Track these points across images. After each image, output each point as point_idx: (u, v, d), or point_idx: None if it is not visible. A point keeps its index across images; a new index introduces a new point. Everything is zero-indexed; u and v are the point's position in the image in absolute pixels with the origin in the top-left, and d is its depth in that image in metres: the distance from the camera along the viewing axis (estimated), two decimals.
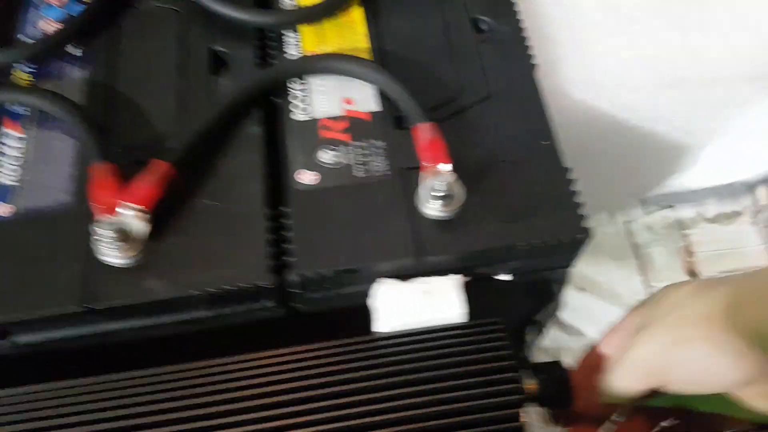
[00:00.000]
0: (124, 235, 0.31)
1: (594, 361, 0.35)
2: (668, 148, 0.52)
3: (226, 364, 0.31)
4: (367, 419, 0.29)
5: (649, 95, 0.45)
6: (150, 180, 0.32)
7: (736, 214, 0.62)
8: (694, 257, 0.61)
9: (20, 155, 0.36)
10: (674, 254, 0.61)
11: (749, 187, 0.63)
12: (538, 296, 0.41)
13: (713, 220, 0.62)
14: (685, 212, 0.63)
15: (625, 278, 0.60)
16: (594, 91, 0.44)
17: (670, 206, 0.63)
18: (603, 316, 0.58)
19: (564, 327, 0.58)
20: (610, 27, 0.45)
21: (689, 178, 0.60)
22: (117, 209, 0.31)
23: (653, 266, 0.61)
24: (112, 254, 0.31)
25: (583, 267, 0.59)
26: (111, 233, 0.30)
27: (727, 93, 0.46)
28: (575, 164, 0.42)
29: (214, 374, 0.30)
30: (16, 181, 0.35)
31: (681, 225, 0.62)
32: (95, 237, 0.31)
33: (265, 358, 0.31)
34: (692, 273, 0.60)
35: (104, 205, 0.31)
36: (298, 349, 0.31)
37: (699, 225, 0.62)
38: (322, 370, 0.30)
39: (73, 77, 0.39)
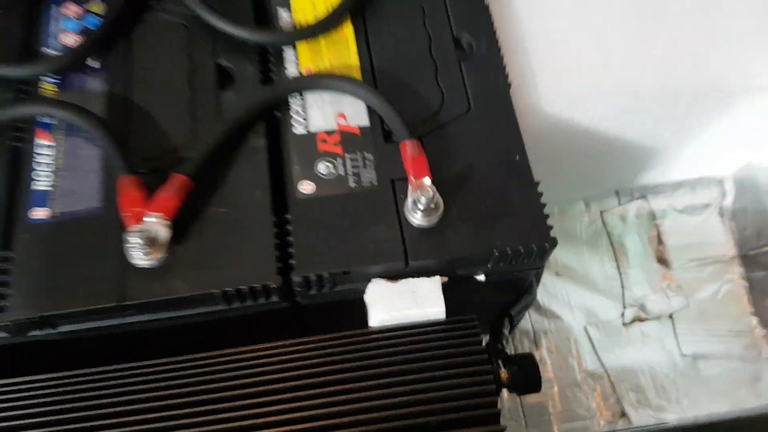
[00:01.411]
0: (150, 242, 0.35)
1: None
2: (639, 148, 0.56)
3: (238, 353, 0.36)
4: (359, 403, 0.34)
5: (618, 105, 0.49)
6: (171, 191, 0.37)
7: (704, 207, 0.67)
8: (664, 246, 0.66)
9: (51, 162, 0.40)
10: (646, 242, 0.66)
11: (717, 182, 0.68)
12: (511, 294, 0.45)
13: (683, 211, 0.67)
14: (657, 203, 0.67)
15: (600, 264, 0.65)
16: (567, 101, 0.48)
17: (643, 197, 0.68)
18: (579, 301, 0.64)
19: (542, 310, 0.64)
20: (580, 42, 0.49)
21: (661, 172, 0.64)
22: (144, 218, 0.36)
23: (626, 253, 0.66)
24: (140, 258, 0.36)
25: (560, 254, 0.65)
26: (139, 240, 0.35)
27: (689, 104, 0.50)
28: (551, 164, 0.46)
29: (227, 362, 0.36)
30: (50, 187, 0.39)
31: (653, 215, 0.67)
32: (127, 244, 0.35)
33: (271, 348, 0.36)
34: (663, 260, 0.66)
35: (132, 214, 0.36)
36: (300, 341, 0.37)
37: (670, 215, 0.66)
38: (320, 359, 0.36)
39: (93, 89, 0.43)
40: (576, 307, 0.62)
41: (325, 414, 0.34)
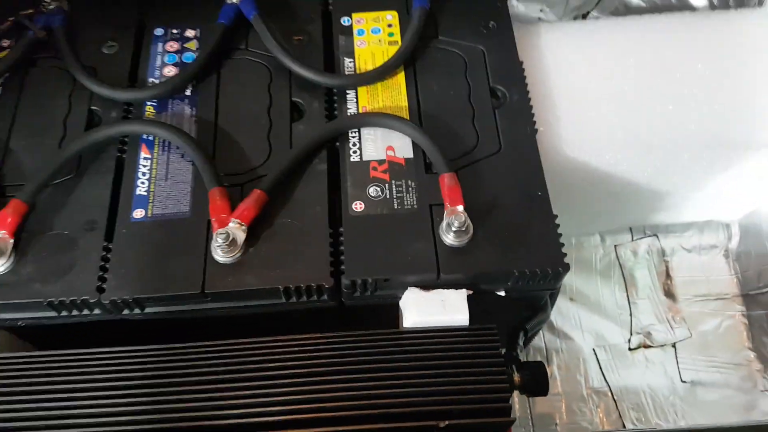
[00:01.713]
0: (231, 242, 0.43)
1: None
2: (651, 191, 0.62)
3: (289, 340, 0.43)
4: (392, 389, 0.41)
5: (632, 153, 0.56)
6: (250, 203, 0.45)
7: (711, 247, 0.72)
8: (672, 280, 0.71)
9: (148, 172, 0.49)
10: (655, 276, 0.71)
11: (725, 226, 0.73)
12: (528, 310, 0.52)
13: (691, 250, 0.72)
14: (667, 242, 0.73)
15: (611, 293, 0.71)
16: (587, 147, 0.55)
17: (655, 235, 0.73)
18: (589, 324, 0.70)
19: (555, 331, 0.70)
20: (599, 97, 0.56)
21: (672, 213, 0.70)
22: (228, 223, 0.44)
23: (636, 285, 0.71)
24: (221, 255, 0.44)
25: (575, 281, 0.71)
26: (223, 241, 0.43)
27: (695, 155, 0.57)
28: (570, 199, 0.53)
29: (279, 347, 0.42)
30: (148, 192, 0.48)
31: (663, 252, 0.73)
32: (214, 243, 0.43)
33: (319, 338, 0.43)
34: (669, 294, 0.71)
35: (218, 219, 0.44)
36: (344, 334, 0.44)
37: (678, 253, 0.72)
38: (360, 351, 0.43)
39: (186, 114, 0.52)
40: (587, 330, 0.68)
41: (363, 395, 0.41)
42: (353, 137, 0.50)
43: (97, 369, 0.42)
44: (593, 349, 0.68)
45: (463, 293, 0.45)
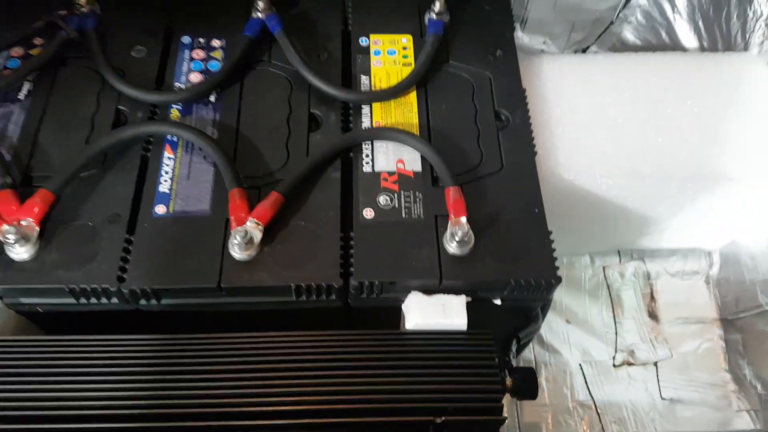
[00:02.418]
0: (248, 241, 0.46)
1: None
2: (638, 216, 0.66)
3: (297, 336, 0.45)
4: (392, 385, 0.43)
5: (622, 179, 0.60)
6: (268, 205, 0.48)
7: (693, 273, 0.76)
8: (656, 303, 0.75)
9: (171, 171, 0.52)
10: (640, 298, 0.75)
11: (707, 254, 0.77)
12: (521, 320, 0.55)
13: (674, 275, 0.76)
14: (653, 266, 0.77)
15: (598, 312, 0.74)
16: (581, 172, 0.59)
17: (641, 259, 0.77)
18: (577, 340, 0.73)
19: (544, 345, 0.73)
20: (594, 125, 0.60)
21: (658, 239, 0.74)
22: (246, 222, 0.47)
23: (622, 305, 0.75)
24: (238, 252, 0.46)
25: (565, 299, 0.75)
26: (241, 238, 0.46)
27: (680, 185, 0.61)
28: (564, 220, 0.56)
29: (287, 342, 0.45)
30: (170, 190, 0.51)
31: (648, 275, 0.76)
32: (232, 240, 0.46)
33: (325, 335, 0.46)
34: (653, 315, 0.75)
35: (237, 218, 0.47)
36: (350, 332, 0.46)
37: (663, 277, 0.76)
38: (364, 348, 0.45)
39: (208, 117, 0.55)
40: (574, 346, 0.71)
41: (365, 390, 0.43)
42: (366, 149, 0.53)
43: (106, 354, 0.44)
44: (580, 364, 0.71)
45: (463, 299, 0.48)
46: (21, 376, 0.43)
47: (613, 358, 0.72)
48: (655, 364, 0.71)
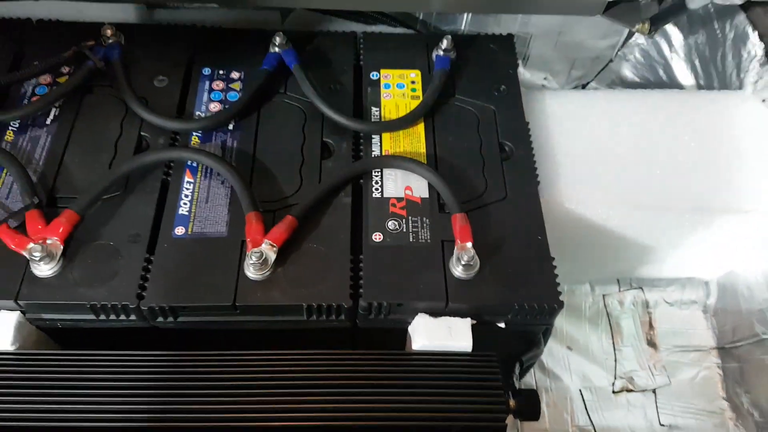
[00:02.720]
0: (263, 261, 0.48)
1: None
2: (637, 246, 0.68)
3: (305, 355, 0.47)
4: (399, 404, 0.45)
5: (621, 209, 0.62)
6: (282, 227, 0.50)
7: (691, 303, 0.78)
8: (654, 331, 0.77)
9: (190, 194, 0.54)
10: (639, 326, 0.76)
11: (704, 284, 0.79)
12: (524, 344, 0.57)
13: (672, 304, 0.78)
14: (651, 295, 0.78)
15: (598, 339, 0.76)
16: (581, 201, 0.62)
17: (640, 288, 0.79)
18: (577, 367, 0.74)
19: (546, 371, 0.74)
20: (594, 159, 0.63)
21: (657, 269, 0.76)
22: (261, 244, 0.49)
23: (621, 333, 0.76)
24: (253, 272, 0.48)
25: (566, 326, 0.76)
26: (257, 259, 0.48)
27: (678, 217, 0.63)
28: (565, 248, 0.58)
29: (296, 360, 0.47)
30: (189, 212, 0.53)
31: (647, 304, 0.78)
32: (247, 260, 0.48)
33: (334, 354, 0.48)
34: (652, 343, 0.76)
35: (253, 240, 0.49)
36: (359, 352, 0.48)
37: (661, 306, 0.77)
38: (371, 368, 0.47)
39: (227, 145, 0.57)
40: (574, 372, 0.73)
41: (372, 408, 0.45)
42: (376, 176, 0.56)
43: (120, 369, 0.46)
44: (580, 390, 0.72)
45: (468, 322, 0.50)
46: (41, 389, 0.45)
47: (613, 384, 0.73)
48: (654, 390, 0.72)
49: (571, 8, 0.68)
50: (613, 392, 0.72)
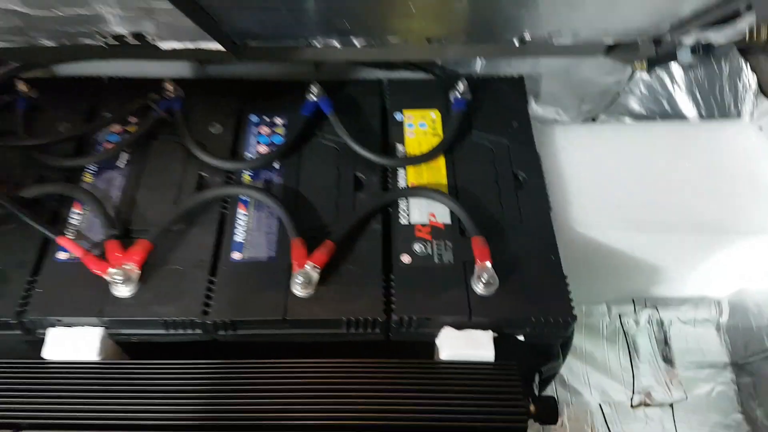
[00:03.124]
0: (307, 281, 0.56)
1: None
2: (649, 267, 0.73)
3: (348, 362, 0.54)
4: (427, 405, 0.51)
5: (629, 234, 0.67)
6: (323, 251, 0.57)
7: (704, 321, 0.82)
8: (670, 348, 0.80)
9: (244, 224, 0.62)
10: (654, 344, 0.80)
11: (716, 302, 0.83)
12: (542, 354, 0.62)
13: (686, 323, 0.82)
14: (666, 314, 0.82)
15: (616, 356, 0.80)
16: (592, 226, 0.68)
17: (655, 307, 0.84)
18: (596, 382, 0.78)
19: (566, 386, 0.78)
20: (604, 184, 0.69)
21: (670, 288, 0.80)
22: (305, 266, 0.56)
23: (638, 350, 0.80)
24: (299, 290, 0.56)
25: (585, 344, 0.81)
26: (301, 280, 0.55)
27: (691, 238, 0.68)
28: (580, 270, 0.64)
29: (340, 368, 0.53)
30: (243, 240, 0.61)
31: (661, 323, 0.82)
32: (294, 280, 0.56)
33: (370, 362, 0.54)
34: (668, 360, 0.80)
35: (298, 263, 0.57)
36: (390, 360, 0.54)
37: (675, 325, 0.82)
38: (403, 374, 0.53)
39: (274, 181, 0.66)
40: (594, 387, 0.77)
41: (404, 410, 0.51)
42: (403, 205, 0.63)
43: (184, 375, 0.53)
44: (599, 404, 0.76)
45: (490, 334, 0.56)
46: (122, 392, 0.52)
47: (631, 399, 0.77)
48: (671, 405, 0.76)
49: (576, 50, 0.75)
50: (632, 406, 0.76)
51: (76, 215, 0.63)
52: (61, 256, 0.59)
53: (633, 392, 0.77)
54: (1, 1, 0.60)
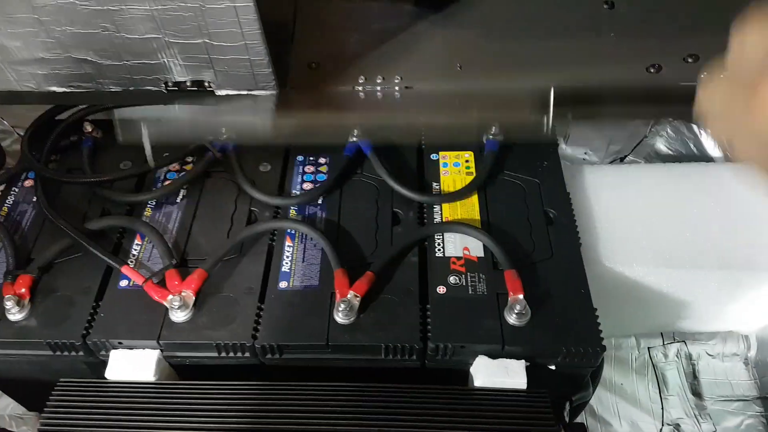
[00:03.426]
0: (350, 309, 0.60)
1: None
2: (677, 302, 0.75)
3: (387, 387, 0.57)
4: (462, 430, 0.54)
5: (656, 269, 0.70)
6: (364, 281, 0.62)
7: (733, 355, 0.83)
8: (698, 381, 0.81)
9: (290, 255, 0.67)
10: (683, 377, 0.81)
11: (744, 337, 0.84)
12: (573, 383, 0.64)
13: (715, 356, 0.83)
14: (694, 348, 0.84)
15: (645, 388, 0.81)
16: (620, 259, 0.70)
17: (683, 341, 0.85)
18: (626, 413, 0.80)
19: (596, 416, 0.80)
20: (631, 222, 0.72)
21: (698, 323, 0.82)
22: (347, 295, 0.61)
23: (667, 383, 0.81)
24: (341, 317, 0.60)
25: (615, 376, 0.83)
26: (343, 307, 0.59)
27: (718, 274, 0.70)
28: (609, 304, 0.66)
29: (379, 392, 0.57)
30: (290, 270, 0.66)
31: (690, 356, 0.83)
32: (336, 308, 0.60)
33: (407, 388, 0.57)
34: (696, 393, 0.81)
35: (341, 292, 0.61)
36: (426, 386, 0.58)
37: (704, 359, 0.83)
38: (439, 401, 0.56)
39: (318, 216, 0.71)
40: (623, 418, 0.78)
41: None
42: (438, 239, 0.67)
43: (234, 396, 0.57)
44: None
45: (522, 363, 0.59)
46: (177, 411, 0.56)
47: (660, 430, 0.78)
48: None
49: None
50: None
51: (137, 246, 0.69)
52: (123, 283, 0.65)
53: (662, 424, 0.78)
54: (78, 52, 0.67)
